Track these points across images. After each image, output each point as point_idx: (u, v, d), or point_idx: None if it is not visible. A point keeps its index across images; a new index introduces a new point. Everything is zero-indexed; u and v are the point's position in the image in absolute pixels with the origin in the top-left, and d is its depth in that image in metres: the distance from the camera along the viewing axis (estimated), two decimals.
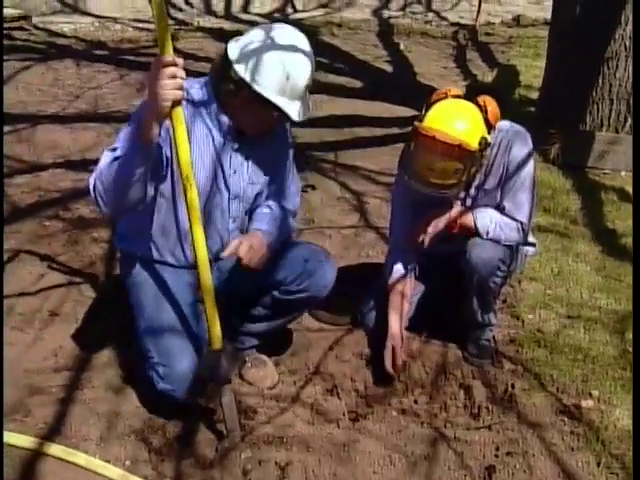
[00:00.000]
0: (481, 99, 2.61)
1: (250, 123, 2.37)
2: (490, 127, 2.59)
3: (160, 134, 2.04)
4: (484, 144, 2.54)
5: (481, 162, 2.63)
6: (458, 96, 2.63)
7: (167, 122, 2.02)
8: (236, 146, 2.40)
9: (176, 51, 1.96)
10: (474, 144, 2.52)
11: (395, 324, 2.80)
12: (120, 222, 2.61)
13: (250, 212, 2.56)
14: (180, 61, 1.93)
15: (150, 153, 2.05)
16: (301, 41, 2.30)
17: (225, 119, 2.35)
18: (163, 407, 2.45)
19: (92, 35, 8.50)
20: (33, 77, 6.63)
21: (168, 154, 2.23)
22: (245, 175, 2.45)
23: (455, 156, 2.51)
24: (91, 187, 2.15)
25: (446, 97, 2.61)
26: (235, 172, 2.43)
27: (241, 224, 2.54)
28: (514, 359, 2.90)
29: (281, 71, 2.23)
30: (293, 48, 2.27)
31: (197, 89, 2.35)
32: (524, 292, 3.40)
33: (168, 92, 1.92)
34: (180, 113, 1.98)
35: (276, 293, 2.57)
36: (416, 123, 2.58)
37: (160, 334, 2.38)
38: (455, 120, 2.53)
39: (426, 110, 2.60)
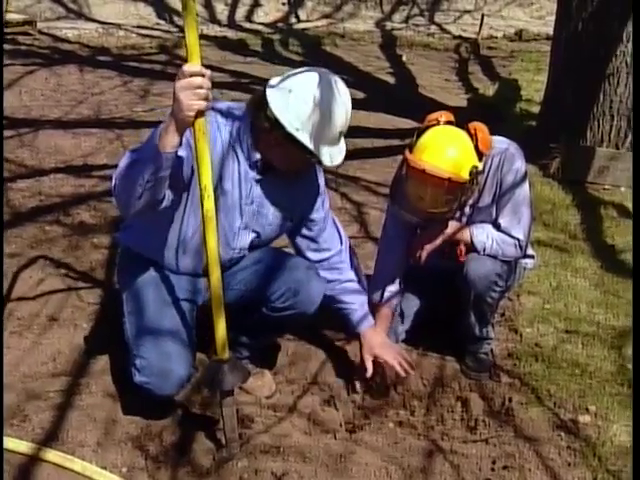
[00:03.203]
0: (472, 126, 2.59)
1: (281, 161, 2.37)
2: (481, 155, 2.58)
3: (181, 143, 2.04)
4: (474, 173, 2.53)
5: (472, 189, 2.62)
6: (450, 122, 2.60)
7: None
8: (258, 177, 2.40)
9: (180, 59, 1.96)
10: (464, 175, 2.51)
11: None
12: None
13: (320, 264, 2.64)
14: (207, 72, 1.92)
15: (167, 160, 2.03)
16: (340, 88, 2.29)
17: (254, 151, 2.35)
18: (161, 414, 2.46)
19: (96, 41, 8.52)
20: (36, 82, 6.64)
21: (193, 164, 2.21)
22: (263, 209, 2.45)
23: (445, 188, 2.51)
24: (112, 185, 2.17)
25: (438, 123, 2.59)
26: (252, 203, 2.42)
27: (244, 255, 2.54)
28: (512, 373, 2.90)
29: (316, 116, 2.23)
30: (331, 94, 2.26)
31: (237, 111, 2.36)
32: (522, 306, 3.40)
33: (193, 102, 1.91)
34: (203, 124, 1.97)
35: (264, 309, 2.55)
36: (406, 153, 2.56)
37: (153, 336, 2.38)
38: (445, 152, 2.51)
39: (417, 137, 2.58)
